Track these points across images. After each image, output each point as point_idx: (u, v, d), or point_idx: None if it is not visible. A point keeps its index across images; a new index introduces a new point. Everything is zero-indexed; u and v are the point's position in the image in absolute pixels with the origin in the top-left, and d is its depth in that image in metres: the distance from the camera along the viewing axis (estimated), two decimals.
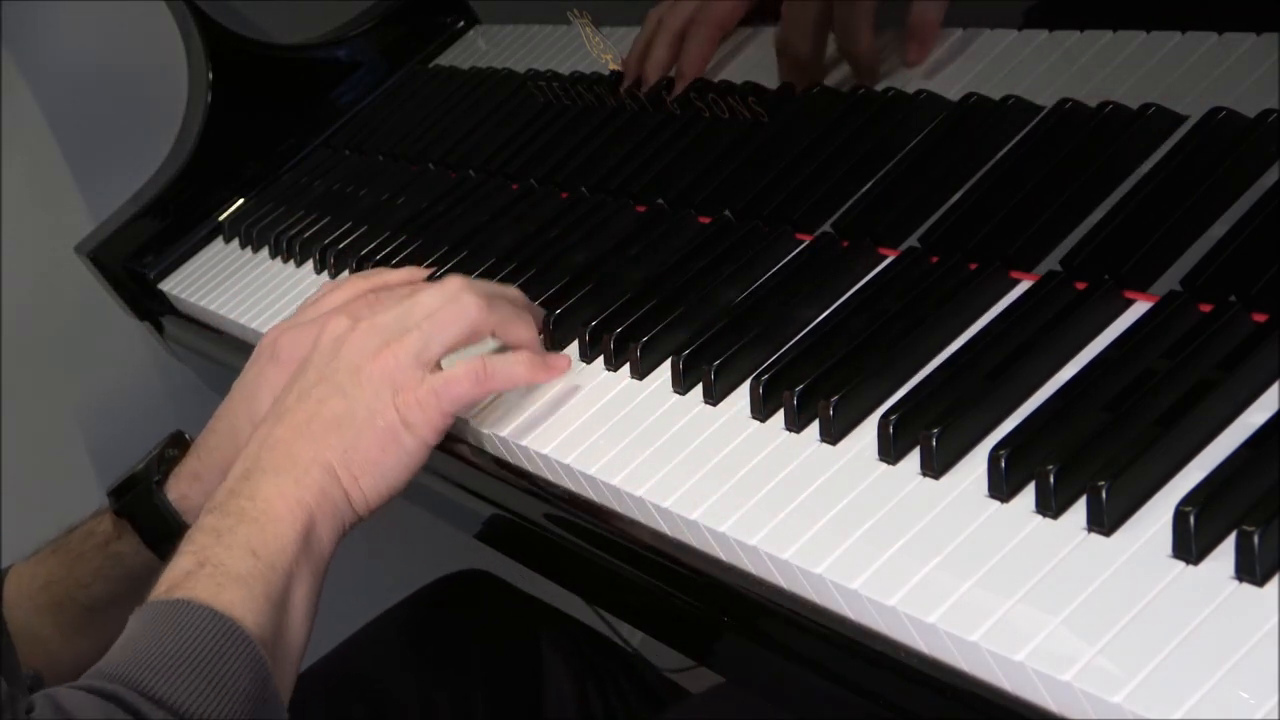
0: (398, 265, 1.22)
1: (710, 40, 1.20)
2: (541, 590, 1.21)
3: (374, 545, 1.78)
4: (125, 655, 0.80)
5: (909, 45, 1.04)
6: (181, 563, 0.85)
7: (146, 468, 1.09)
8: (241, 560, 0.84)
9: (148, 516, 1.07)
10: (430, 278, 1.11)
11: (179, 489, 1.07)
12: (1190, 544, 0.64)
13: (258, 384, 1.05)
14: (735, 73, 1.18)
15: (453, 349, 0.94)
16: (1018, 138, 0.94)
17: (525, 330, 0.98)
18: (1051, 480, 0.70)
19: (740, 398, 0.88)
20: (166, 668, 0.78)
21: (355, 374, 0.92)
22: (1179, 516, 0.65)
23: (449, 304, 0.95)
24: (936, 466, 0.76)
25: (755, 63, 1.17)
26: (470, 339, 0.95)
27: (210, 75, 1.56)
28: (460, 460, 1.03)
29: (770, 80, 1.14)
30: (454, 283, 0.97)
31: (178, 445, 1.10)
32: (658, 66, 1.22)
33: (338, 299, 1.05)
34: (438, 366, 0.94)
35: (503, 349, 0.97)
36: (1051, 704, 0.64)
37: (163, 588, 0.84)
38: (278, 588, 0.85)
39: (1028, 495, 0.72)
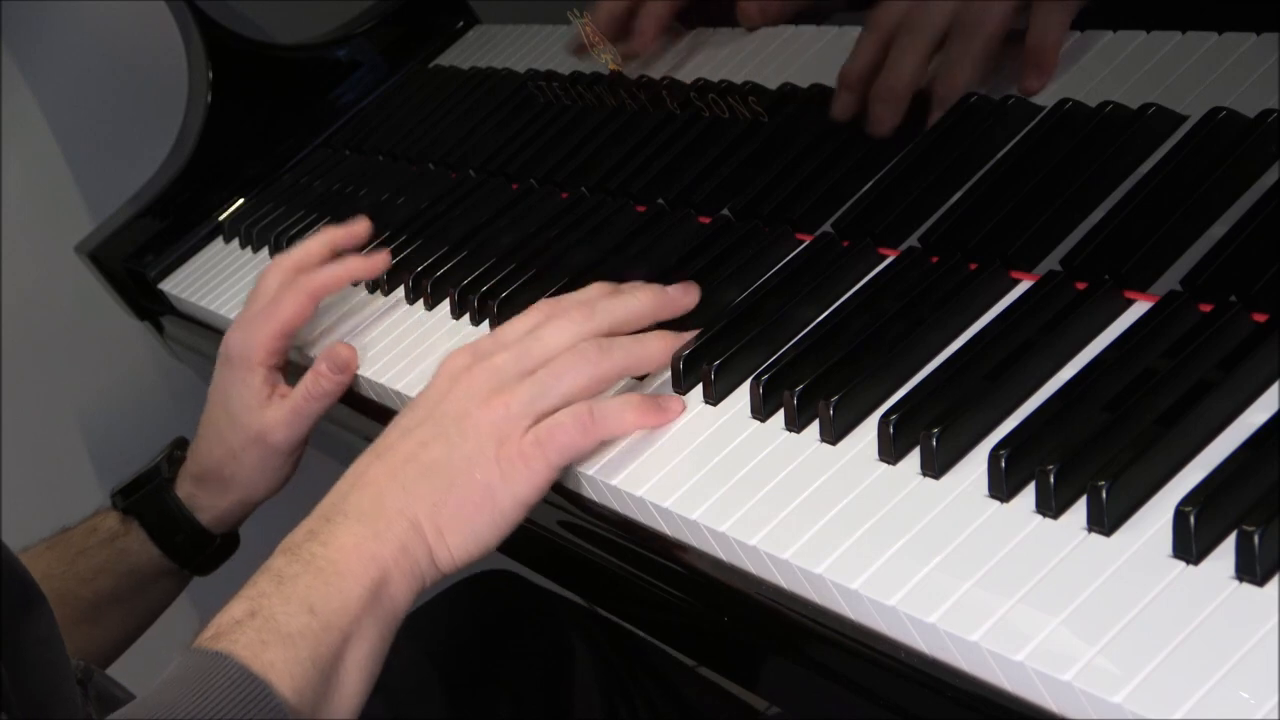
0: (398, 265, 1.22)
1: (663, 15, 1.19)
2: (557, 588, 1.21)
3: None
4: (153, 701, 0.77)
5: (1026, 72, 0.94)
6: (235, 609, 0.81)
7: (157, 467, 1.12)
8: (295, 617, 0.80)
9: (157, 513, 1.09)
10: (393, 261, 1.16)
11: (186, 488, 1.10)
12: (1190, 544, 0.64)
13: (225, 389, 1.09)
14: (735, 73, 1.18)
15: (570, 401, 0.88)
16: (1018, 138, 0.94)
17: (651, 360, 0.91)
18: (1051, 480, 0.70)
19: (740, 398, 0.88)
20: None
21: (462, 420, 0.87)
22: (1179, 516, 0.65)
23: (569, 351, 0.89)
24: (936, 466, 0.76)
25: (755, 63, 1.17)
26: (592, 390, 0.89)
27: (210, 75, 1.56)
28: None
29: (771, 80, 1.14)
30: (577, 312, 0.91)
31: (182, 447, 1.13)
32: (604, 23, 1.21)
33: (271, 282, 1.10)
34: None
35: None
36: (1052, 704, 0.64)
37: (210, 632, 0.81)
38: (329, 649, 0.81)
39: (1028, 495, 0.72)
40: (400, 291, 1.20)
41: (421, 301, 1.17)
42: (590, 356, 0.88)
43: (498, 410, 0.86)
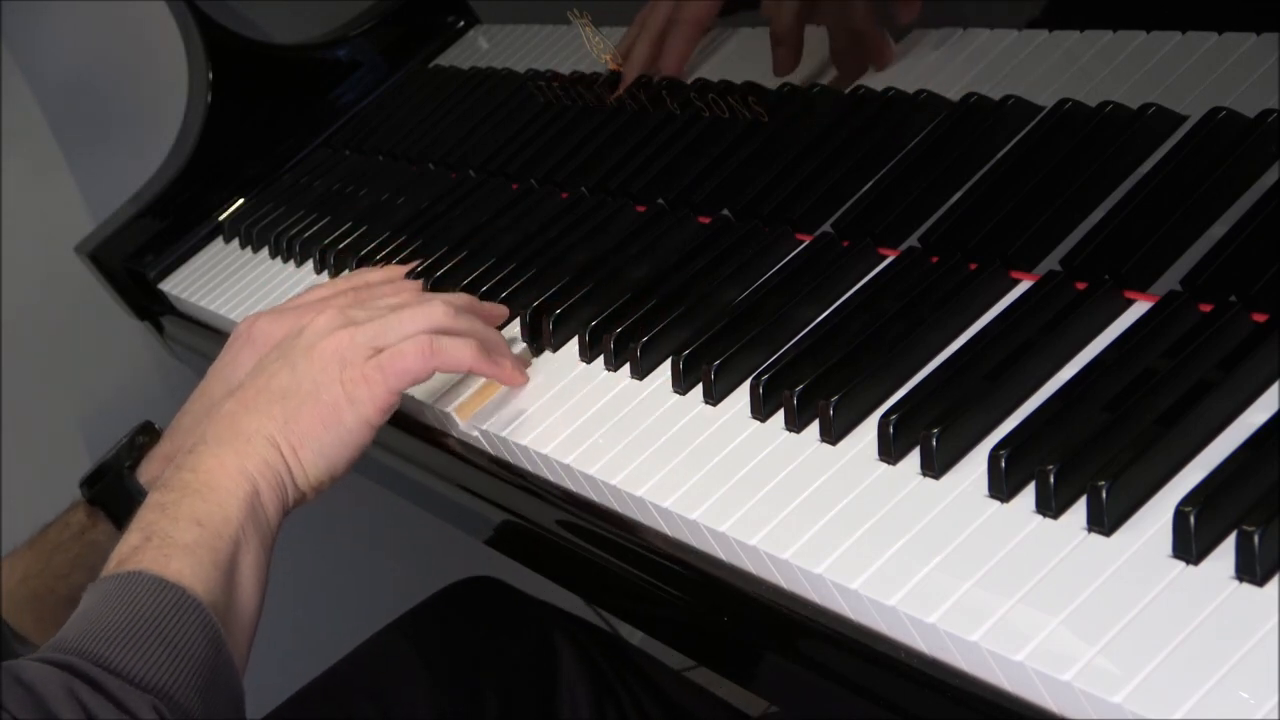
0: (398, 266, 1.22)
1: (689, 40, 1.20)
2: (548, 593, 1.21)
3: (379, 554, 1.79)
4: (80, 628, 0.81)
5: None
6: (130, 539, 0.86)
7: (116, 455, 1.10)
8: (187, 531, 0.85)
9: (120, 502, 1.07)
10: (411, 274, 1.12)
11: (151, 471, 1.08)
12: (1190, 544, 0.64)
13: (233, 367, 1.06)
14: (735, 73, 1.18)
15: None
16: (1018, 138, 0.94)
17: (489, 334, 0.99)
18: (1051, 480, 0.70)
19: (740, 398, 0.88)
20: (120, 638, 0.79)
21: (309, 350, 0.94)
22: (1179, 516, 0.65)
23: (417, 304, 0.96)
24: (936, 466, 0.76)
25: (755, 63, 1.17)
26: (411, 364, 0.94)
27: (210, 75, 1.56)
28: (462, 461, 1.03)
29: (771, 80, 1.14)
30: (432, 294, 0.99)
31: (147, 433, 1.11)
32: (638, 64, 1.23)
33: (319, 292, 1.07)
34: None
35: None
36: (1051, 704, 0.64)
37: (113, 564, 0.85)
38: (225, 555, 0.86)
39: (1028, 495, 0.72)
40: None
41: None
42: (437, 311, 0.96)
43: (342, 339, 0.94)
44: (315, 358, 0.93)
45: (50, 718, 0.74)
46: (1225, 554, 0.64)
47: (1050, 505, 0.70)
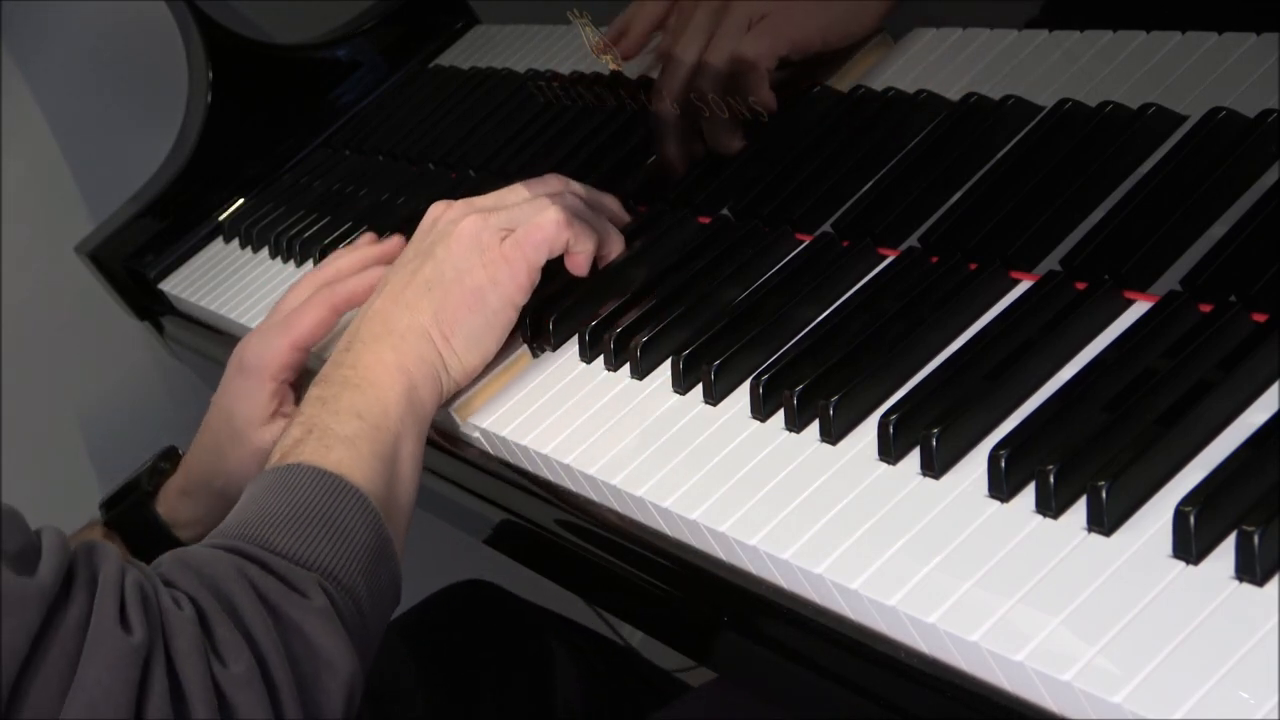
0: None
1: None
2: (545, 597, 1.21)
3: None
4: (244, 516, 0.83)
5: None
6: (292, 433, 0.89)
7: (137, 479, 1.09)
8: (348, 423, 0.88)
9: (138, 529, 1.07)
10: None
11: (168, 504, 1.07)
12: (1190, 544, 0.64)
13: (232, 398, 1.06)
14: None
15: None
16: (1018, 138, 0.94)
17: (609, 229, 1.03)
18: (1051, 480, 0.70)
19: (740, 398, 0.88)
20: (285, 524, 0.81)
21: (445, 239, 0.97)
22: (1179, 516, 0.65)
23: (545, 194, 1.00)
24: (936, 466, 0.76)
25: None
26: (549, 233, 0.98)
27: (210, 75, 1.56)
28: (461, 461, 1.03)
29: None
30: (553, 177, 1.03)
31: (169, 459, 1.11)
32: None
33: (299, 294, 1.08)
34: None
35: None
36: (1051, 704, 0.64)
37: (275, 457, 0.87)
38: (385, 446, 0.89)
39: (1028, 495, 0.72)
40: None
41: None
42: (570, 204, 0.99)
43: (475, 223, 0.97)
44: (453, 244, 0.96)
45: (221, 594, 0.75)
46: (1225, 554, 0.64)
47: (1050, 505, 0.70)
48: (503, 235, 0.97)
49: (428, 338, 0.94)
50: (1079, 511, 0.69)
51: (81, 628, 0.70)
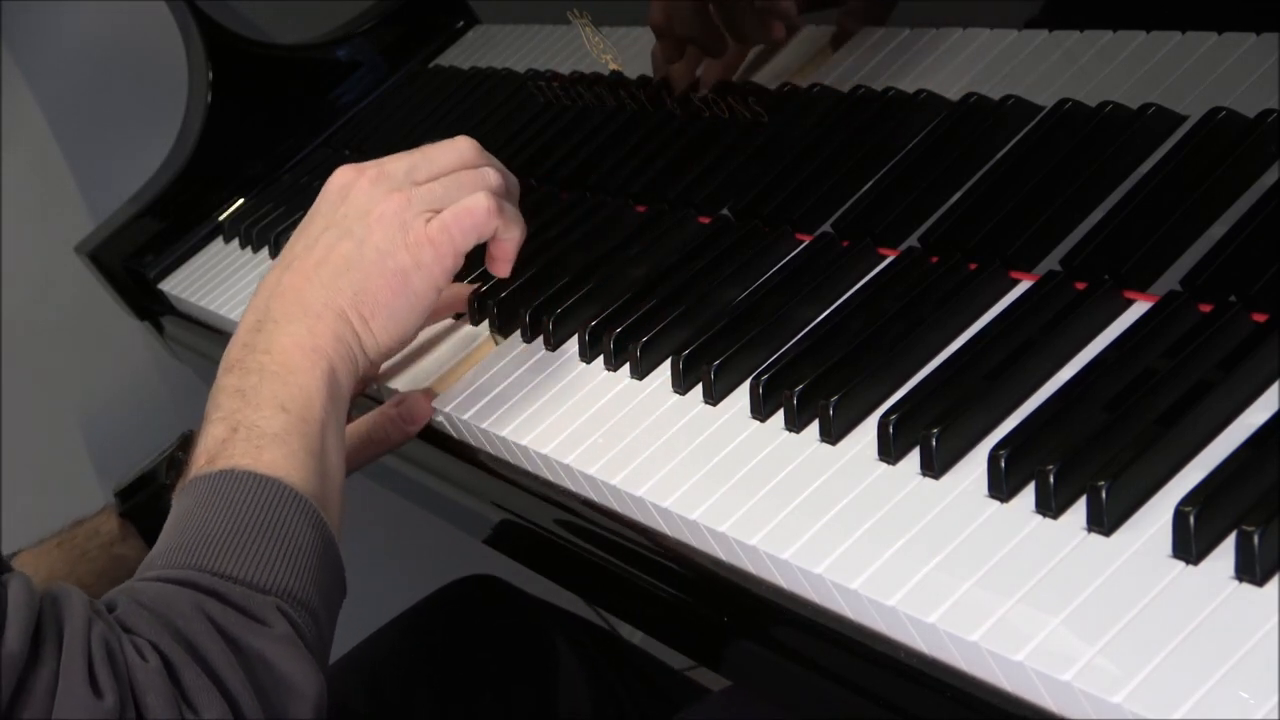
0: None
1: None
2: (548, 592, 1.21)
3: (379, 552, 1.79)
4: (185, 537, 0.80)
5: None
6: (214, 431, 0.85)
7: (155, 470, 1.08)
8: (273, 418, 0.85)
9: (153, 522, 1.05)
10: None
11: None
12: (1190, 544, 0.64)
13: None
14: (735, 73, 1.18)
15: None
16: (1018, 138, 0.94)
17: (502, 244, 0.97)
18: (1051, 480, 0.70)
19: (740, 398, 0.88)
20: (230, 543, 0.78)
21: (364, 217, 0.92)
22: (1179, 516, 0.65)
23: (469, 171, 0.95)
24: (936, 466, 0.76)
25: (755, 63, 1.17)
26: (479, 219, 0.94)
27: (210, 75, 1.56)
28: (462, 460, 1.03)
29: (771, 80, 1.14)
30: (466, 143, 0.96)
31: (187, 448, 1.06)
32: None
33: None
34: None
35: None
36: (1051, 704, 0.64)
37: (202, 460, 0.84)
38: (313, 439, 0.86)
39: (1028, 495, 0.72)
40: None
41: None
42: (490, 175, 0.95)
43: (398, 202, 0.92)
44: (374, 223, 0.92)
45: (183, 637, 0.73)
46: (1225, 554, 0.64)
47: (1050, 505, 0.70)
48: (427, 216, 0.93)
49: (345, 319, 0.90)
50: (1079, 511, 0.69)
51: (50, 692, 0.68)
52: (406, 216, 0.92)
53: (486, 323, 1.09)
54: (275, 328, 0.89)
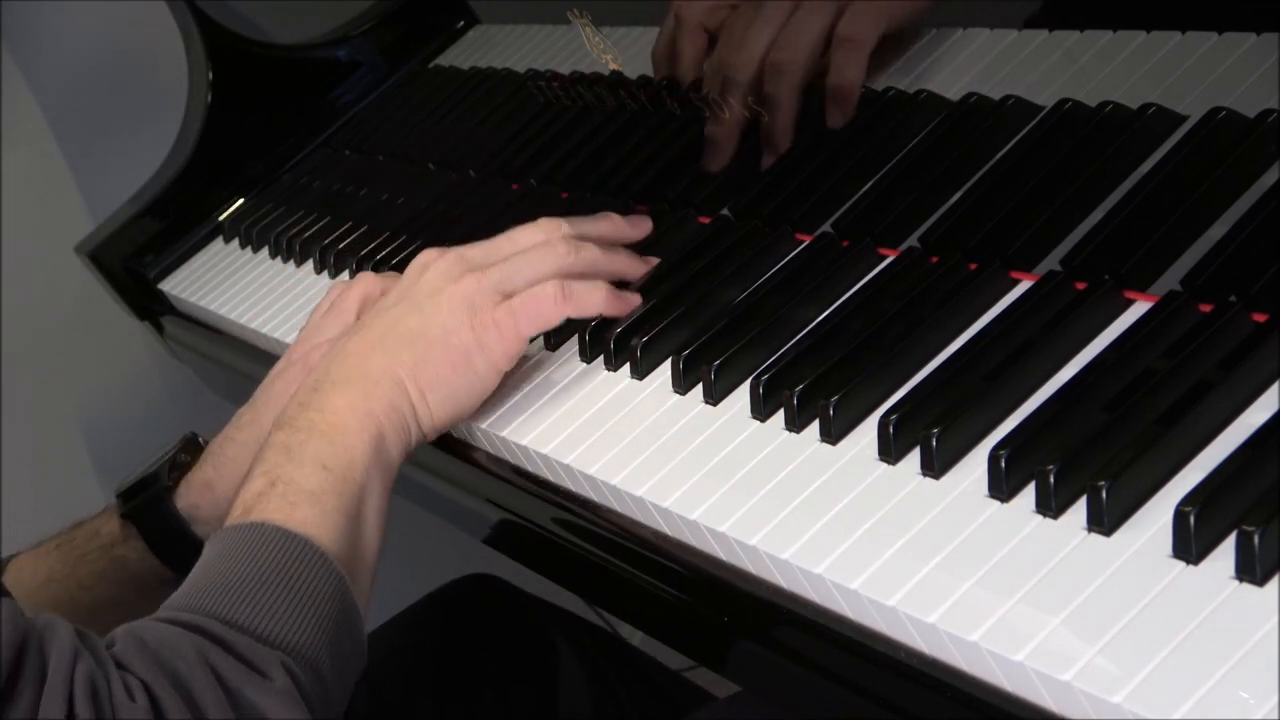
0: (398, 265, 1.22)
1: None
2: (548, 592, 1.21)
3: (382, 550, 1.79)
4: (203, 583, 0.80)
5: (829, 109, 1.03)
6: (254, 485, 0.85)
7: (157, 472, 1.07)
8: (313, 476, 0.85)
9: (155, 523, 1.05)
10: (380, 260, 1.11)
11: (189, 498, 1.05)
12: (1190, 544, 0.64)
13: (287, 396, 1.01)
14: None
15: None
16: (1018, 138, 0.94)
17: (616, 267, 0.99)
18: (1051, 480, 0.70)
19: (740, 398, 0.88)
20: (246, 593, 0.78)
21: (435, 295, 0.93)
22: (1179, 516, 0.65)
23: (539, 245, 0.96)
24: (936, 466, 0.76)
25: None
26: (545, 308, 0.95)
27: (210, 75, 1.56)
28: (461, 460, 1.03)
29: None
30: (546, 224, 0.98)
31: (190, 450, 1.08)
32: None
33: (352, 299, 1.05)
34: None
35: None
36: (1051, 704, 0.64)
37: (238, 511, 0.84)
38: (351, 500, 0.85)
39: (1028, 495, 0.72)
40: None
41: None
42: (560, 250, 0.96)
43: (469, 284, 0.93)
44: (444, 302, 0.93)
45: (178, 680, 0.73)
46: (1225, 554, 0.64)
47: (1050, 505, 0.70)
48: (497, 299, 0.93)
49: (402, 387, 0.91)
50: (1079, 511, 0.69)
51: None
52: (476, 298, 0.93)
53: None
54: (332, 389, 0.90)
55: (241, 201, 1.56)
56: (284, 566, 0.80)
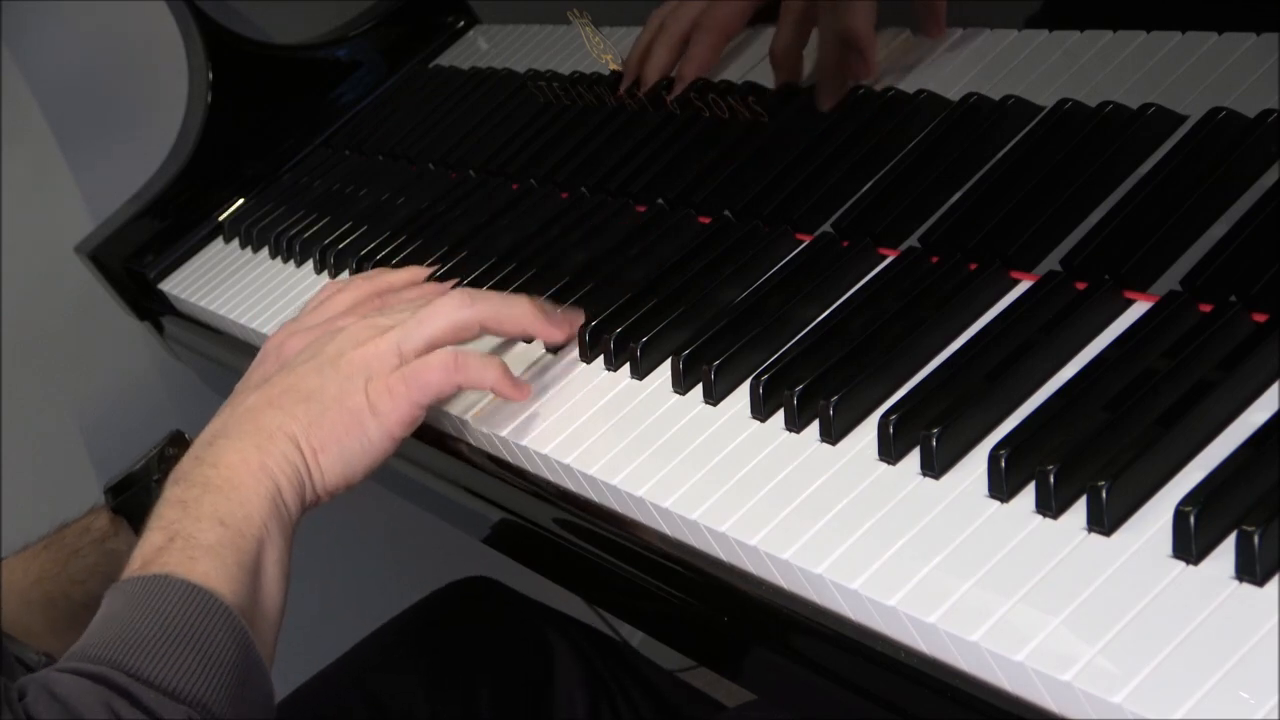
0: (398, 265, 1.22)
1: (714, 46, 1.19)
2: (548, 595, 1.21)
3: (375, 553, 1.79)
4: (107, 635, 0.80)
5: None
6: (152, 538, 0.85)
7: (146, 466, 1.08)
8: (210, 530, 0.85)
9: (144, 517, 1.05)
10: (431, 277, 1.11)
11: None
12: (1190, 544, 0.64)
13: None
14: (735, 73, 1.18)
15: (435, 345, 0.94)
16: (1018, 138, 0.94)
17: (517, 320, 0.97)
18: (1051, 480, 0.70)
19: (740, 398, 0.88)
20: (150, 647, 0.79)
21: (337, 358, 0.93)
22: (1179, 516, 0.65)
23: (440, 299, 0.96)
24: (936, 466, 0.76)
25: (755, 63, 1.17)
26: (456, 336, 0.95)
27: (210, 75, 1.56)
28: (461, 460, 1.03)
29: (771, 80, 1.14)
30: (450, 287, 0.98)
31: (177, 444, 1.09)
32: (658, 69, 1.21)
33: (343, 300, 1.05)
34: None
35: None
36: (1051, 704, 0.64)
37: (136, 564, 0.85)
38: (249, 554, 0.85)
39: (1028, 495, 0.72)
40: None
41: None
42: (456, 301, 0.95)
43: (369, 349, 0.93)
44: (343, 366, 0.93)
45: None
46: (1225, 554, 0.64)
47: (1050, 505, 0.70)
48: (395, 361, 0.93)
49: (295, 444, 0.90)
50: (1079, 511, 0.69)
51: None
52: (374, 363, 0.93)
53: None
54: (226, 443, 0.90)
55: (241, 201, 1.56)
56: (187, 619, 0.80)
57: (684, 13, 1.20)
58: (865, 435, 0.81)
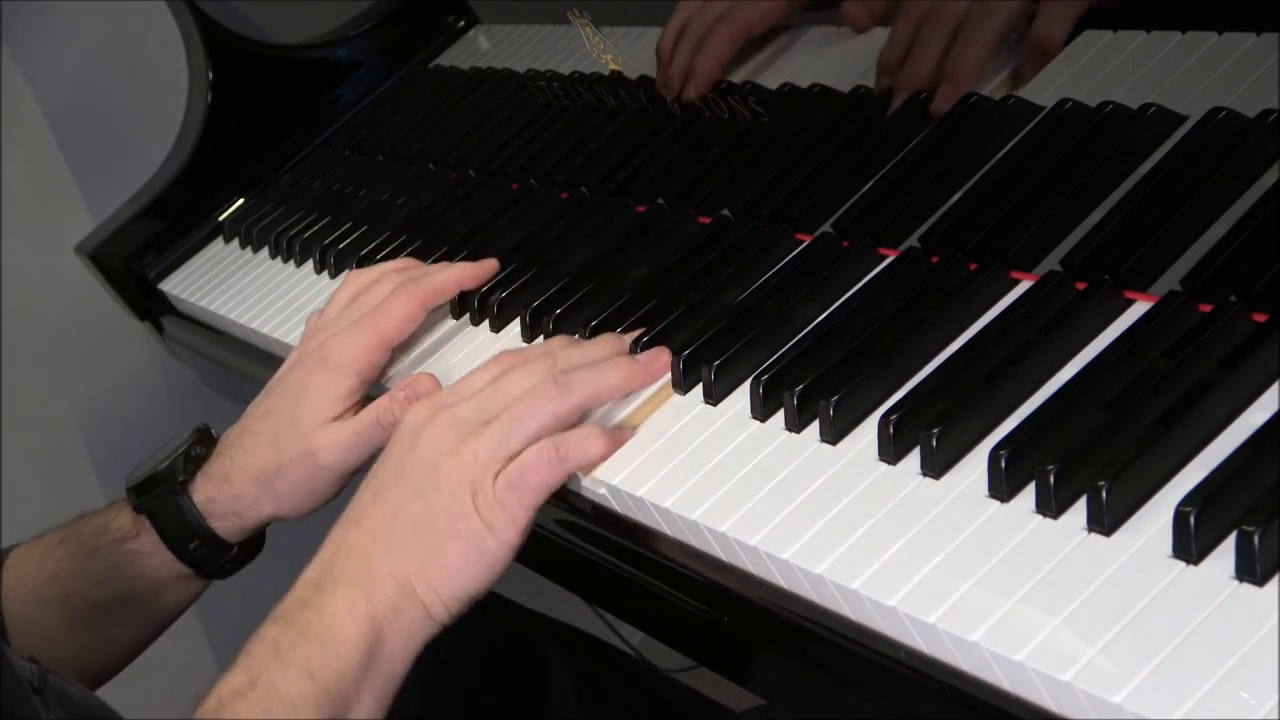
0: None
1: (732, 39, 1.16)
2: (548, 596, 1.21)
3: None
4: None
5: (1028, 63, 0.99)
6: (234, 679, 0.82)
7: (171, 467, 1.04)
8: (297, 683, 0.82)
9: (170, 518, 1.03)
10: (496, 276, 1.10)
11: (206, 491, 1.03)
12: (1190, 544, 0.64)
13: (303, 388, 1.01)
14: (735, 73, 1.18)
15: (536, 440, 0.88)
16: (1018, 138, 0.94)
17: (616, 390, 0.92)
18: (1051, 480, 0.70)
19: (740, 398, 0.88)
20: None
21: (433, 473, 0.88)
22: (1179, 516, 0.65)
23: (529, 392, 0.90)
24: (936, 466, 0.76)
25: (755, 63, 1.17)
26: (556, 427, 0.89)
27: (210, 75, 1.56)
28: None
29: (771, 80, 1.14)
30: (539, 365, 0.92)
31: (204, 442, 1.06)
32: (681, 71, 1.19)
33: (380, 291, 1.04)
34: None
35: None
36: (1051, 704, 0.64)
37: (211, 703, 0.82)
38: (331, 713, 0.82)
39: (1028, 495, 0.72)
40: None
41: None
42: (550, 393, 0.89)
43: (466, 459, 0.87)
44: (444, 485, 0.87)
45: None
46: (1225, 554, 0.64)
47: (1050, 505, 0.70)
48: (496, 467, 0.87)
49: (409, 588, 0.86)
50: (1079, 511, 0.69)
51: None
52: (475, 475, 0.87)
53: (486, 324, 1.09)
54: (334, 589, 0.86)
55: (241, 201, 1.56)
56: None
57: (709, 11, 1.17)
58: (865, 435, 0.81)
